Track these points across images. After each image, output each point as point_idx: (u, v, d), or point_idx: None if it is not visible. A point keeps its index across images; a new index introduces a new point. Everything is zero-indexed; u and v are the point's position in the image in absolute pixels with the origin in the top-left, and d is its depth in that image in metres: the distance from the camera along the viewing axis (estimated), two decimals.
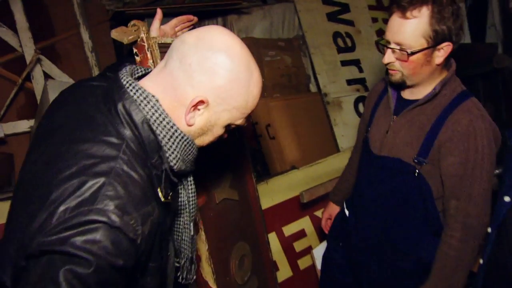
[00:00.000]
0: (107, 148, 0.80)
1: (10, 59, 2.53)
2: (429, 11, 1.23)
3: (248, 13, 2.90)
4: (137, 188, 0.79)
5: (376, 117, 1.56)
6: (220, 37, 0.86)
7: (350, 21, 3.11)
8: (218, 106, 0.89)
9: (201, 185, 1.47)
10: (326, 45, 2.97)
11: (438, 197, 1.41)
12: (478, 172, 1.30)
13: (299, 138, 2.82)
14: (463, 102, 1.35)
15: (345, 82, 3.00)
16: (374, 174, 1.52)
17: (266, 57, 2.90)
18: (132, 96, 0.85)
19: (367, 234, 1.57)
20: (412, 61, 1.29)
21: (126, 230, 0.74)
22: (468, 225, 1.32)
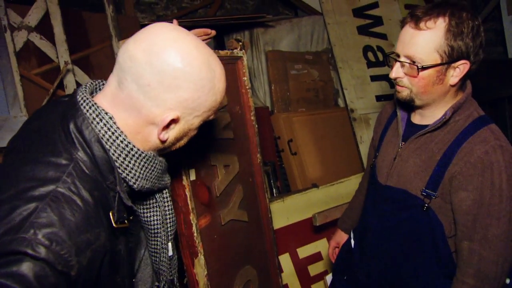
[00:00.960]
0: (51, 170, 0.75)
1: (48, 69, 2.69)
2: (445, 23, 1.11)
3: (274, 27, 2.89)
4: (77, 214, 0.73)
5: (384, 142, 1.45)
6: (171, 46, 0.79)
7: (382, 35, 3.00)
8: (189, 116, 0.86)
9: (206, 205, 1.45)
10: (355, 59, 2.88)
11: (451, 235, 1.27)
12: (495, 211, 1.15)
13: (322, 154, 2.75)
14: (479, 129, 1.20)
15: (374, 98, 2.88)
16: (379, 205, 1.41)
17: (292, 71, 2.87)
18: (85, 114, 0.81)
19: (372, 271, 1.46)
20: (422, 78, 1.17)
21: (53, 262, 0.67)
22: (482, 272, 1.17)
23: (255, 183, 1.63)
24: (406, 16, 1.19)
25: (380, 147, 1.46)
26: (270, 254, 1.70)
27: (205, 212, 1.43)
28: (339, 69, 2.81)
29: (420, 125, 1.31)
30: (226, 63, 1.56)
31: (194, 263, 1.36)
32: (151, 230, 1.02)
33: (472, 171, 1.16)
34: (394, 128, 1.41)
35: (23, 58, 2.62)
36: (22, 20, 2.55)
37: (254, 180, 1.63)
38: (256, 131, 1.61)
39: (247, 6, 3.52)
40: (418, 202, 1.26)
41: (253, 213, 1.62)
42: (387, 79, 2.94)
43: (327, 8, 2.85)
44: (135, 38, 0.81)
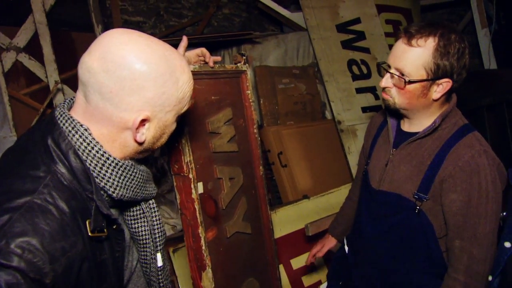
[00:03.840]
0: (29, 182, 0.77)
1: (37, 89, 2.72)
2: (434, 43, 1.20)
3: (261, 43, 2.98)
4: (51, 223, 0.75)
5: (375, 149, 1.51)
6: (124, 49, 0.80)
7: (366, 48, 3.10)
8: (160, 113, 0.87)
9: (213, 218, 1.46)
10: (340, 72, 2.97)
11: (442, 236, 1.33)
12: (482, 211, 1.23)
13: (312, 166, 2.81)
14: (464, 136, 1.29)
15: (360, 109, 2.97)
16: (373, 209, 1.46)
17: (280, 85, 2.94)
18: (61, 127, 0.83)
19: (367, 274, 1.49)
20: (408, 90, 1.26)
21: (25, 270, 0.69)
22: (472, 268, 1.24)
23: (257, 195, 1.65)
24: (400, 31, 1.27)
25: (372, 154, 1.52)
26: (272, 266, 1.72)
27: (212, 225, 1.44)
28: (325, 82, 2.90)
29: (409, 133, 1.38)
30: (231, 77, 1.59)
31: (202, 276, 1.37)
32: (140, 241, 1.04)
33: (461, 174, 1.24)
34: (385, 136, 1.47)
35: (11, 78, 2.65)
36: (10, 41, 2.59)
37: (257, 192, 1.65)
38: (258, 143, 1.64)
39: (233, 23, 3.62)
40: (410, 205, 1.32)
41: (255, 225, 1.64)
42: (372, 91, 3.05)
43: (312, 24, 2.96)
44: (89, 49, 0.82)
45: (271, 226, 1.73)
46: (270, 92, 2.90)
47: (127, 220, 1.03)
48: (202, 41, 2.82)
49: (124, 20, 3.09)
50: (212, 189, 1.49)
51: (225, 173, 1.53)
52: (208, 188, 1.47)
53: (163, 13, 3.28)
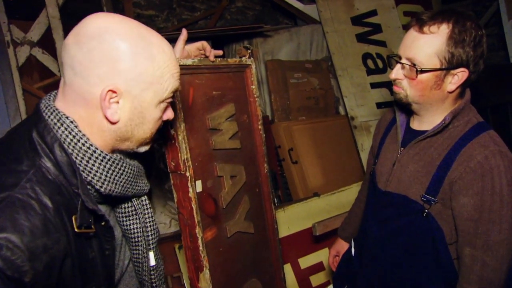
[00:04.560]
0: (10, 177, 0.75)
1: (50, 83, 2.74)
2: (449, 29, 1.13)
3: (271, 36, 2.91)
4: (32, 219, 0.72)
5: (383, 148, 1.45)
6: (95, 22, 0.78)
7: (382, 42, 3.01)
8: (134, 89, 0.81)
9: (212, 217, 1.42)
10: (354, 67, 2.89)
11: (452, 242, 1.25)
12: (496, 217, 1.15)
13: (323, 163, 2.74)
14: (478, 135, 1.20)
15: (375, 105, 2.88)
16: (379, 211, 1.40)
17: (292, 79, 2.88)
18: (46, 120, 0.80)
19: (372, 278, 1.44)
20: (420, 81, 1.18)
21: (2, 267, 0.67)
22: (486, 278, 1.16)
23: (262, 194, 1.60)
24: (412, 20, 1.20)
25: (379, 153, 1.46)
26: (276, 266, 1.67)
27: (211, 225, 1.40)
28: (339, 77, 2.82)
29: (419, 131, 1.31)
30: (234, 71, 1.53)
31: (199, 277, 1.34)
32: (132, 239, 1.01)
33: (472, 176, 1.16)
34: (393, 134, 1.41)
35: (25, 72, 2.67)
36: (24, 35, 2.60)
37: (261, 191, 1.60)
38: (263, 140, 1.58)
39: (247, 17, 3.56)
40: (417, 208, 1.26)
41: (259, 224, 1.59)
42: (387, 86, 2.94)
43: (326, 17, 2.88)
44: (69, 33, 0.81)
45: (275, 225, 1.69)
46: (281, 87, 2.83)
47: (119, 218, 1.01)
48: (212, 34, 2.77)
49: (136, 13, 3.08)
50: (212, 187, 1.45)
51: (226, 171, 1.49)
52: (208, 186, 1.43)
53: (176, 7, 3.24)
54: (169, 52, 0.86)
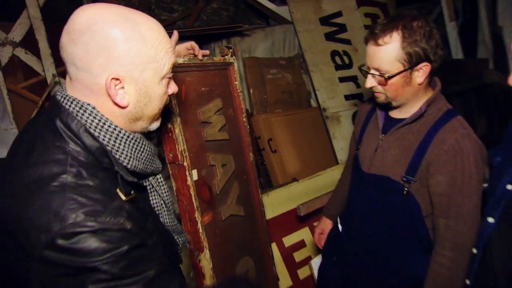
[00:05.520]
0: (54, 166, 0.74)
1: (34, 83, 2.58)
2: (399, 36, 1.17)
3: (250, 35, 2.89)
4: (95, 193, 0.74)
5: (365, 135, 1.48)
6: (82, 16, 0.75)
7: (347, 40, 3.03)
8: (134, 72, 0.78)
9: (208, 202, 1.43)
10: (324, 63, 2.90)
11: (427, 214, 1.31)
12: (466, 191, 1.21)
13: (300, 151, 2.74)
14: (449, 121, 1.26)
15: (343, 97, 2.91)
16: (364, 191, 1.44)
17: (268, 75, 2.86)
18: (68, 109, 0.78)
19: (360, 251, 1.48)
20: (391, 84, 1.23)
21: (108, 226, 0.71)
22: (459, 244, 1.22)
23: (249, 180, 1.62)
24: (367, 34, 1.24)
25: (362, 140, 1.48)
26: (265, 245, 1.69)
27: (207, 210, 1.40)
28: (311, 72, 2.82)
29: (397, 119, 1.35)
30: (219, 68, 1.53)
31: (200, 257, 1.34)
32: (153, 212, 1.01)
33: (446, 157, 1.21)
34: (374, 122, 1.44)
35: (9, 72, 2.49)
36: (6, 36, 2.42)
37: (248, 177, 1.62)
38: (248, 131, 1.59)
39: (222, 17, 3.49)
40: (399, 187, 1.30)
41: (248, 207, 1.61)
42: (354, 80, 2.99)
43: (297, 18, 2.86)
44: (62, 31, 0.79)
45: (262, 208, 1.71)
46: (259, 82, 2.81)
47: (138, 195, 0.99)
48: (193, 34, 2.69)
49: None
50: (206, 175, 1.44)
51: (217, 160, 1.48)
52: (202, 175, 1.41)
53: (154, 8, 3.13)
54: (158, 28, 0.81)
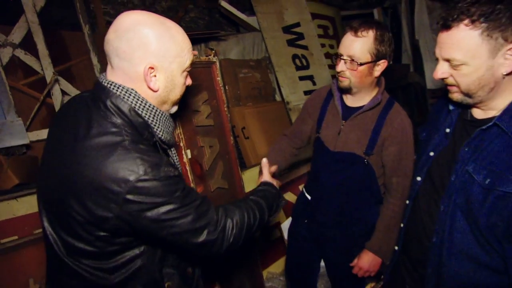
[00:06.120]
0: (113, 136, 0.80)
1: (34, 80, 2.49)
2: (374, 33, 1.27)
3: (225, 40, 2.93)
4: (150, 152, 0.82)
5: (325, 121, 1.53)
6: (127, 18, 0.84)
7: (305, 46, 3.14)
8: (164, 63, 0.86)
9: (199, 177, 1.48)
10: (287, 64, 3.00)
11: (379, 176, 1.47)
12: (409, 156, 1.39)
13: (268, 137, 2.85)
14: (393, 106, 1.41)
15: (303, 93, 3.03)
16: (331, 165, 1.51)
17: (241, 74, 2.92)
18: (116, 93, 0.85)
19: (329, 211, 1.57)
20: (360, 71, 1.30)
21: (167, 174, 0.81)
22: (404, 194, 1.38)
23: (230, 159, 1.69)
24: (347, 27, 1.32)
25: (321, 125, 1.54)
26: None
27: (200, 183, 1.47)
28: (276, 72, 2.91)
29: (354, 107, 1.45)
30: (205, 66, 1.59)
31: None
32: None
33: (396, 132, 1.37)
34: (333, 110, 1.51)
35: (10, 71, 2.39)
36: (6, 38, 2.32)
37: (230, 157, 1.68)
38: (228, 119, 1.65)
39: (198, 25, 3.49)
40: (361, 160, 1.42)
41: (231, 182, 1.67)
42: (310, 79, 3.13)
43: (264, 26, 2.94)
44: (108, 30, 0.86)
45: (242, 182, 1.79)
46: (233, 80, 2.87)
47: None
48: None
49: (107, 21, 2.87)
50: (197, 155, 1.50)
51: (206, 142, 1.55)
52: (195, 154, 1.48)
53: None
54: (182, 32, 0.90)
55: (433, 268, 1.09)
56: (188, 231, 0.85)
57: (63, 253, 0.87)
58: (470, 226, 0.99)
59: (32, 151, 2.42)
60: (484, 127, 0.97)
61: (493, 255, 0.97)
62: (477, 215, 0.96)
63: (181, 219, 0.83)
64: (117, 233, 0.84)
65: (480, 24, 0.87)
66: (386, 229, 1.42)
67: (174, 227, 0.83)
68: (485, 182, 0.94)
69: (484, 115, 1.01)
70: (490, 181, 0.93)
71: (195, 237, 0.87)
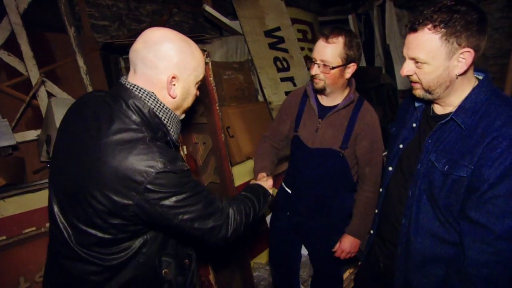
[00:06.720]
0: (135, 133, 0.88)
1: (18, 82, 2.48)
2: (343, 39, 1.36)
3: (210, 43, 3.00)
4: (166, 149, 0.90)
5: (303, 121, 1.61)
6: (156, 33, 0.93)
7: (285, 49, 3.25)
8: (184, 74, 0.96)
9: (194, 172, 1.54)
10: (268, 66, 3.09)
11: (352, 166, 1.58)
12: (379, 147, 1.52)
13: (252, 136, 2.92)
14: (363, 104, 1.53)
15: (284, 93, 3.12)
16: (310, 161, 1.58)
17: (225, 76, 2.99)
18: (137, 94, 0.93)
19: (309, 202, 1.65)
20: (332, 74, 1.39)
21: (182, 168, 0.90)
22: (377, 182, 1.51)
23: (221, 155, 1.73)
24: (319, 34, 1.41)
25: (299, 124, 1.62)
26: None
27: (194, 177, 1.51)
28: (259, 74, 3.00)
29: (329, 107, 1.55)
30: None
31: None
32: None
33: (368, 128, 1.49)
34: (310, 110, 1.59)
35: None
36: None
37: (221, 153, 1.73)
38: (220, 117, 1.70)
39: (183, 28, 3.56)
40: (337, 154, 1.53)
41: (222, 177, 1.73)
42: (291, 80, 3.24)
43: (246, 30, 3.03)
44: (136, 41, 0.95)
45: (232, 177, 1.86)
46: (217, 81, 2.94)
47: None
48: None
49: (91, 23, 2.89)
50: (192, 151, 1.58)
51: (200, 139, 1.62)
52: (190, 150, 1.55)
53: (125, 19, 3.11)
54: (200, 50, 1.02)
55: (402, 246, 1.20)
56: (199, 217, 0.94)
57: (72, 241, 0.93)
58: (432, 207, 1.10)
59: (19, 152, 2.42)
60: (443, 121, 1.08)
61: (450, 231, 1.08)
62: (437, 197, 1.07)
63: (193, 205, 0.93)
64: (132, 221, 0.91)
65: (440, 29, 0.96)
66: (362, 214, 1.55)
67: (187, 213, 0.92)
68: (444, 168, 1.04)
69: (443, 110, 1.12)
70: (448, 167, 1.03)
71: (204, 222, 0.96)
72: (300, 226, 1.72)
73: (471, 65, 1.03)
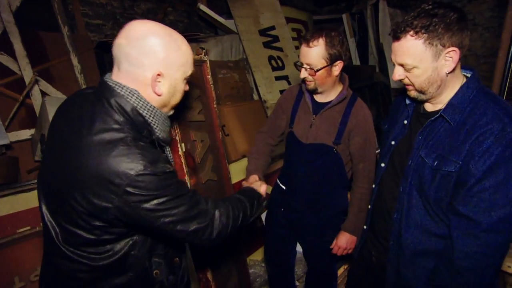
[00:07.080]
0: (116, 133, 0.84)
1: (11, 81, 2.46)
2: (323, 41, 1.37)
3: (204, 42, 3.01)
4: (149, 149, 0.86)
5: (297, 117, 1.63)
6: (140, 27, 0.87)
7: (280, 48, 3.28)
8: (170, 70, 0.91)
9: (192, 169, 1.54)
10: (263, 65, 3.11)
11: (346, 163, 1.60)
12: (373, 143, 1.54)
13: (247, 134, 2.94)
14: (356, 101, 1.55)
15: (279, 92, 3.15)
16: (304, 156, 1.60)
17: (220, 74, 3.00)
18: (120, 92, 0.88)
19: (303, 198, 1.66)
20: (318, 75, 1.43)
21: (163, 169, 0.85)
22: (370, 178, 1.53)
23: (219, 153, 1.74)
24: (302, 39, 1.43)
25: (294, 120, 1.64)
26: None
27: (192, 175, 1.52)
28: (254, 72, 3.01)
29: (323, 103, 1.57)
30: (196, 65, 1.61)
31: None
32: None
33: (361, 124, 1.51)
34: (305, 106, 1.61)
35: None
36: None
37: (219, 151, 1.73)
38: (217, 115, 1.70)
39: (178, 27, 3.55)
40: (331, 149, 1.54)
41: (219, 174, 1.73)
42: (286, 79, 3.27)
43: (241, 29, 3.05)
44: (118, 35, 0.89)
45: (229, 175, 1.86)
46: (212, 80, 2.95)
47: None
48: None
49: (85, 22, 2.88)
50: (190, 148, 1.58)
51: (198, 137, 1.61)
52: (188, 147, 1.56)
53: (119, 17, 3.10)
54: (187, 44, 0.96)
55: (394, 240, 1.23)
56: (181, 220, 0.90)
57: (59, 239, 0.92)
58: (423, 202, 1.12)
59: (12, 152, 2.41)
60: (433, 118, 1.10)
61: (440, 224, 1.11)
62: (427, 192, 1.09)
63: (175, 208, 0.89)
64: (114, 224, 0.88)
65: (422, 34, 0.99)
66: (357, 211, 1.57)
67: (168, 216, 0.88)
68: (434, 164, 1.07)
69: (433, 108, 1.15)
70: (437, 163, 1.06)
71: (187, 225, 0.92)
72: (294, 223, 1.73)
73: (459, 62, 1.06)
